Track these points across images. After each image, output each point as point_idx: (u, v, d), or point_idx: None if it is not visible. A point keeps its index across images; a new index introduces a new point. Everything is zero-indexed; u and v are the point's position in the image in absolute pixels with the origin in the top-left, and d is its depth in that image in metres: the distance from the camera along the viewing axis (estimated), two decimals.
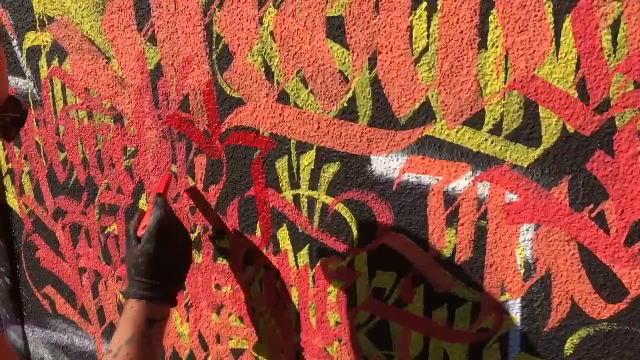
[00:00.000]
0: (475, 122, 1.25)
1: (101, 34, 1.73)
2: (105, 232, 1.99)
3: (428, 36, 1.25)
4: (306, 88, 1.42)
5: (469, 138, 1.26)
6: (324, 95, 1.40)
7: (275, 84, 1.47)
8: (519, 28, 1.16)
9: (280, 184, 1.55)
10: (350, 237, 1.49)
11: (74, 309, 2.23)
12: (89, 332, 2.23)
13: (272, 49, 1.44)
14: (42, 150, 2.07)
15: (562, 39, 1.13)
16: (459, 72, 1.24)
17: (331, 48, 1.36)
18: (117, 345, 1.38)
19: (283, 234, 1.60)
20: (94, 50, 1.77)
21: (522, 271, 1.29)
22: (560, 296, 1.27)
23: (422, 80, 1.28)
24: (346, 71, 1.36)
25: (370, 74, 1.34)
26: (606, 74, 1.11)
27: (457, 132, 1.27)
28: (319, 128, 1.44)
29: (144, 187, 1.82)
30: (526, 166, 1.22)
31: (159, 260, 1.46)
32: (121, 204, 1.91)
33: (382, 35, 1.30)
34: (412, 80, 1.29)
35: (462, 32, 1.21)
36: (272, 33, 1.43)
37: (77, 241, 2.10)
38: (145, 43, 1.65)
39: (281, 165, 1.53)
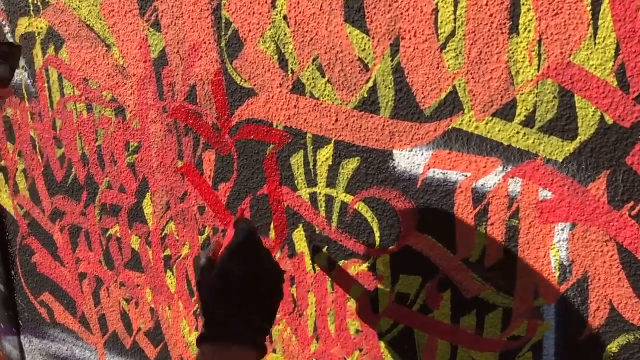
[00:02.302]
0: (506, 112, 1.26)
1: (100, 19, 1.75)
2: (107, 234, 2.02)
3: (454, 20, 1.26)
4: (323, 77, 1.44)
5: (499, 130, 1.28)
6: (342, 84, 1.42)
7: (289, 72, 1.48)
8: (553, 10, 1.17)
9: (295, 181, 1.57)
10: (371, 238, 1.51)
11: (74, 317, 2.25)
12: (90, 342, 2.25)
13: (285, 34, 1.46)
14: (37, 146, 2.09)
15: (599, 21, 1.14)
16: (488, 59, 1.25)
17: (349, 33, 1.38)
18: None
19: (298, 235, 1.62)
20: (92, 37, 1.79)
21: (557, 274, 1.31)
22: (598, 300, 1.28)
23: (448, 68, 1.29)
24: (366, 58, 1.38)
25: (392, 61, 1.35)
26: None
27: (486, 123, 1.29)
28: (336, 120, 1.46)
29: (147, 185, 1.85)
30: (561, 160, 1.24)
31: (246, 285, 1.21)
32: (123, 204, 1.93)
33: (405, 18, 1.31)
34: (437, 67, 1.31)
35: (491, 15, 1.22)
36: (285, 17, 1.45)
37: (76, 244, 2.12)
38: (148, 29, 1.67)
39: (296, 160, 1.55)
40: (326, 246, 1.58)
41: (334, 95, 1.44)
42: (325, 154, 1.50)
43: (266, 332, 1.22)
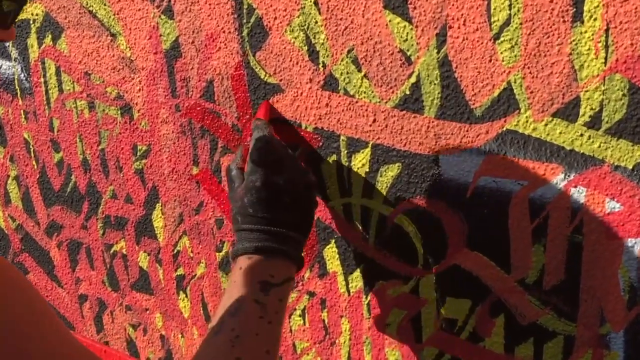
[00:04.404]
0: (568, 112, 1.28)
1: (104, 5, 1.77)
2: (111, 251, 2.05)
3: (510, 6, 1.27)
4: (359, 71, 1.46)
5: (560, 132, 1.29)
6: (381, 80, 1.44)
7: (321, 66, 1.51)
8: None
9: (327, 191, 1.59)
10: (413, 255, 1.53)
11: None
12: None
13: (316, 22, 1.48)
14: (31, 150, 2.12)
15: None
16: (548, 51, 1.26)
17: (390, 21, 1.40)
18: (219, 320, 1.26)
19: (331, 252, 1.64)
20: (95, 25, 1.81)
21: (626, 297, 1.32)
22: None
23: (503, 61, 1.31)
24: (408, 50, 1.40)
25: (438, 53, 1.37)
26: None
27: (546, 125, 1.30)
28: (374, 121, 1.48)
29: (158, 194, 1.88)
30: (631, 167, 1.25)
31: (271, 194, 1.35)
32: (130, 216, 1.97)
33: (453, 5, 1.33)
34: (489, 61, 1.32)
35: (551, 0, 1.23)
36: (316, 2, 1.46)
37: (76, 262, 2.16)
38: (159, 16, 1.69)
39: (328, 167, 1.57)
40: (362, 265, 1.60)
41: (372, 92, 1.46)
42: (361, 159, 1.52)
43: (301, 244, 1.39)
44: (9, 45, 2.01)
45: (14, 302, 1.00)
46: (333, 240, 1.62)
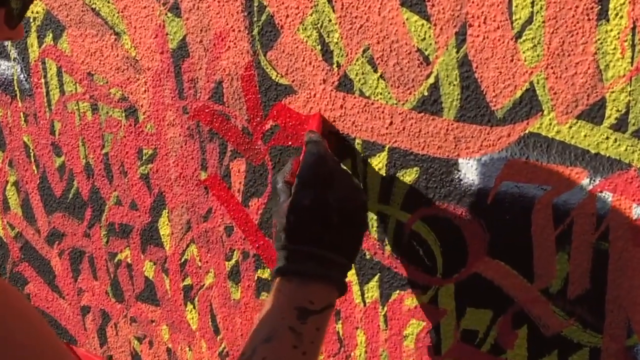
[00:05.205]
0: (593, 114, 1.29)
1: (108, 2, 1.79)
2: (115, 260, 2.06)
3: (532, 3, 1.28)
4: (374, 71, 1.48)
5: (585, 135, 1.30)
6: (398, 80, 1.46)
7: (335, 66, 1.52)
8: None
9: None
10: (432, 264, 1.54)
11: None
12: None
13: (330, 20, 1.49)
14: (31, 154, 2.13)
15: None
16: (572, 51, 1.27)
17: (407, 19, 1.41)
18: (251, 345, 1.26)
19: None
20: (98, 23, 1.83)
21: None
22: None
23: (525, 61, 1.32)
24: (426, 49, 1.41)
25: (457, 52, 1.38)
26: None
27: (570, 127, 1.31)
28: (391, 123, 1.49)
29: (164, 201, 1.89)
30: None
31: (320, 214, 1.33)
32: (135, 223, 1.98)
33: (473, 2, 1.34)
34: (511, 60, 1.33)
35: None
36: (329, 0, 1.48)
37: (79, 272, 2.17)
38: (166, 13, 1.70)
39: None
40: (378, 275, 1.61)
41: (388, 93, 1.47)
42: (377, 163, 1.53)
43: (346, 268, 1.36)
44: (7, 45, 2.02)
45: (4, 314, 1.02)
46: None
